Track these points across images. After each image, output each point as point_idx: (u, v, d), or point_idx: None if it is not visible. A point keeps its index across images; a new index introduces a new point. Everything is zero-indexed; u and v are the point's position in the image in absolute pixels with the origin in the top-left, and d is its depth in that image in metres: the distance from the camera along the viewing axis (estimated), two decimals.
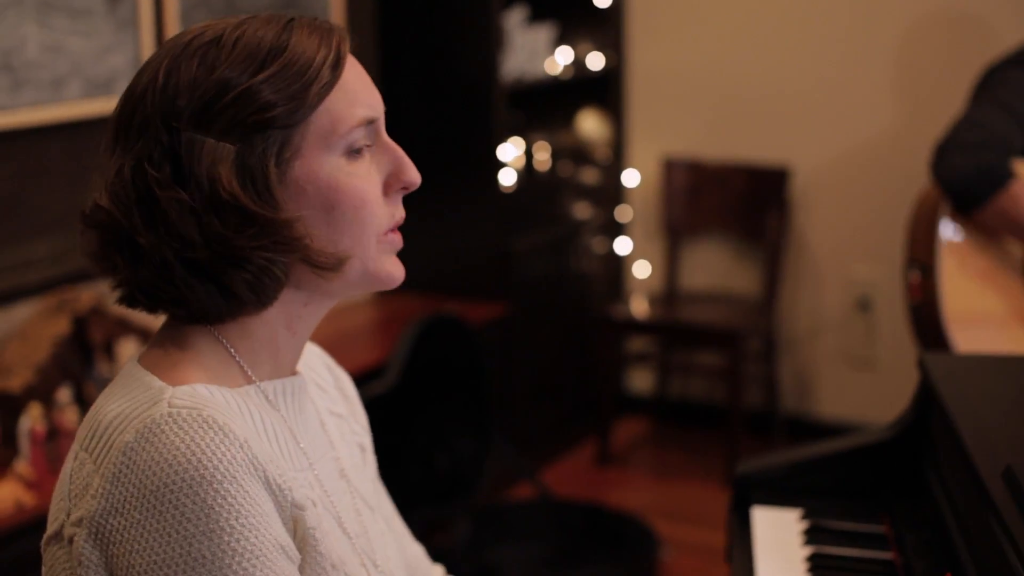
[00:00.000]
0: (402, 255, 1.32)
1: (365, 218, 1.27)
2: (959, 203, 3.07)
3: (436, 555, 2.25)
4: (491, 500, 4.09)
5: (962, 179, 3.02)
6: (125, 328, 3.13)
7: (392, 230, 1.31)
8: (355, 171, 1.27)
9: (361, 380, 3.46)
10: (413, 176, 1.33)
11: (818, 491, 2.01)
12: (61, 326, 3.05)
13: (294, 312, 1.30)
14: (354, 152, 1.28)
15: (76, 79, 3.23)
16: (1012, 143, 3.06)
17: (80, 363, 3.08)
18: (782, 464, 2.03)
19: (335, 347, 3.70)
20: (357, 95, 1.28)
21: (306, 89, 1.23)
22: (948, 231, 3.12)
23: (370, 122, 1.29)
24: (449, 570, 2.02)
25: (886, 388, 4.47)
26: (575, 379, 4.74)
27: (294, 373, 1.35)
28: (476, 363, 3.79)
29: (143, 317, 1.35)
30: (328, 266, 1.25)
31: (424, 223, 4.28)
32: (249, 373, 1.29)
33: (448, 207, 4.27)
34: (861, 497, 1.99)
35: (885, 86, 4.50)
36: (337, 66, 1.26)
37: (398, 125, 4.19)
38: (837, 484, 2.01)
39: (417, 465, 3.71)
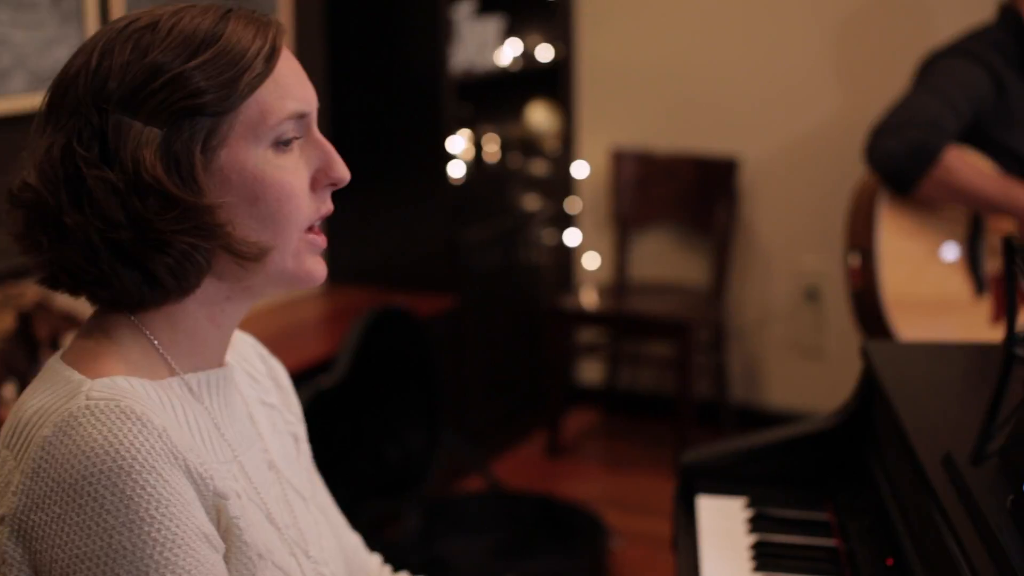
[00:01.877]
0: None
1: (289, 211, 1.27)
2: (895, 185, 3.12)
3: (386, 547, 2.25)
4: (441, 492, 4.09)
5: (894, 160, 3.08)
6: (71, 323, 3.10)
7: (316, 228, 1.32)
8: (282, 164, 1.27)
9: (310, 373, 3.47)
10: (341, 172, 1.33)
11: (763, 479, 2.03)
12: (6, 322, 3.02)
13: (217, 305, 1.30)
14: (282, 144, 1.28)
15: (20, 72, 3.20)
16: (943, 126, 3.12)
17: (25, 359, 3.05)
18: (727, 453, 2.05)
19: (285, 340, 3.73)
20: (289, 88, 1.28)
21: (237, 78, 1.24)
22: (887, 216, 3.16)
23: (301, 116, 1.29)
24: (399, 562, 2.02)
25: (835, 377, 4.51)
26: (525, 371, 4.75)
27: (221, 365, 1.35)
28: (426, 355, 3.79)
29: (89, 311, 1.35)
30: (250, 256, 1.25)
31: (373, 215, 4.27)
32: (173, 365, 1.29)
33: (397, 199, 4.26)
34: (805, 485, 2.01)
35: (830, 76, 4.53)
36: (271, 58, 1.27)
37: (347, 118, 4.20)
38: (781, 472, 2.03)
39: (367, 457, 3.71)
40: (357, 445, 3.65)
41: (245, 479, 1.33)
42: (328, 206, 1.33)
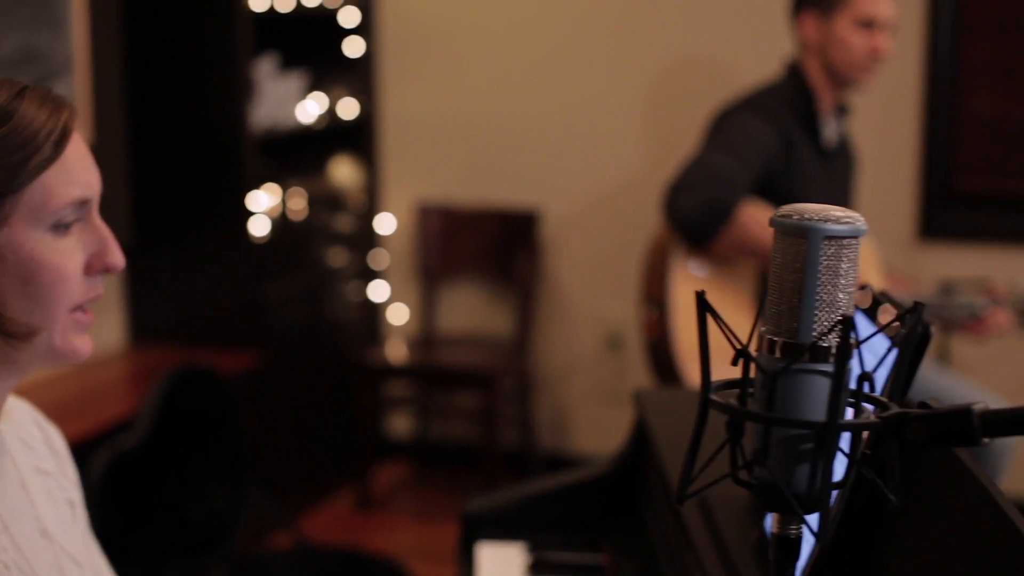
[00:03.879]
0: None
1: (60, 294, 1.29)
2: (692, 239, 3.22)
3: None
4: (249, 551, 4.07)
5: (690, 216, 3.18)
6: None
7: (85, 308, 1.33)
8: (59, 247, 1.29)
9: (112, 433, 3.43)
10: (116, 259, 1.34)
11: (543, 525, 2.08)
12: None
13: None
14: (62, 228, 1.29)
15: None
16: (736, 183, 3.23)
17: None
18: (508, 501, 2.10)
19: (85, 401, 3.68)
20: (74, 173, 1.29)
21: (25, 161, 1.25)
22: (681, 268, 3.26)
23: (83, 202, 1.31)
24: None
25: None
26: (334, 425, 4.75)
27: None
28: (230, 413, 3.78)
29: None
30: (18, 335, 1.27)
31: (177, 273, 4.25)
32: None
33: (200, 256, 4.24)
34: (584, 529, 2.08)
35: (631, 129, 4.66)
36: (60, 142, 1.28)
37: (149, 175, 4.17)
38: (561, 517, 2.09)
39: (172, 518, 3.67)
40: (160, 506, 3.61)
41: (15, 550, 1.33)
42: (99, 291, 1.34)
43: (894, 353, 1.34)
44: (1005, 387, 4.28)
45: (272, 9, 4.36)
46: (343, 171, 4.88)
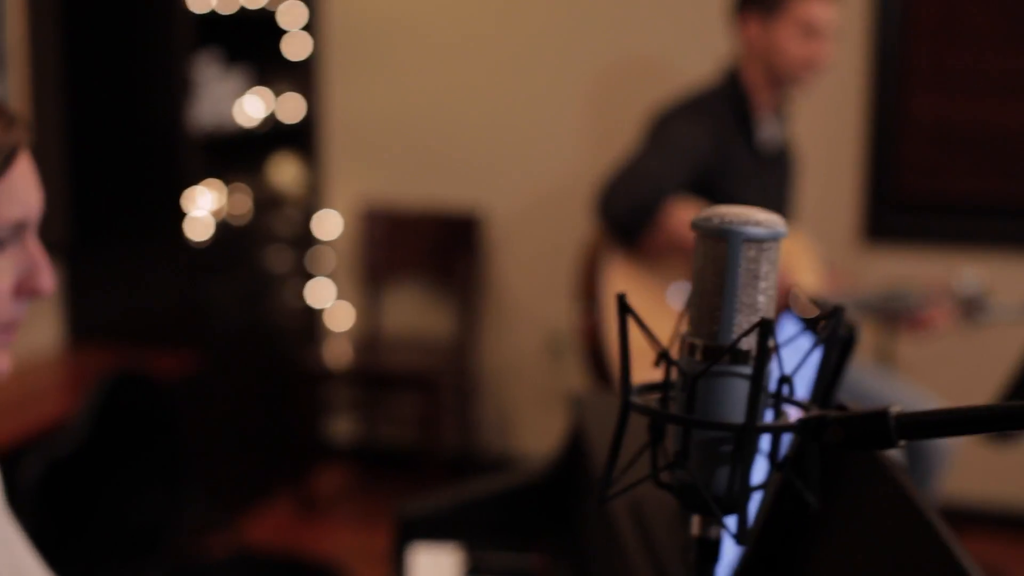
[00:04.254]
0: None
1: None
2: (620, 239, 3.25)
3: None
4: (187, 555, 4.03)
5: (618, 216, 3.22)
6: None
7: (11, 329, 1.31)
8: None
9: (48, 436, 3.38)
10: (46, 285, 1.32)
11: (479, 528, 2.07)
12: None
13: None
14: None
15: None
16: (664, 182, 3.26)
17: None
18: (444, 503, 2.09)
19: (22, 405, 3.62)
20: (17, 193, 1.27)
21: None
22: (614, 269, 3.28)
23: (22, 223, 1.28)
24: None
25: None
26: (276, 429, 4.72)
27: None
28: (168, 416, 3.74)
29: None
30: None
31: (116, 274, 4.20)
32: None
33: (139, 257, 4.20)
34: (519, 532, 2.06)
35: (572, 131, 4.66)
36: (7, 162, 1.25)
37: (88, 175, 4.13)
38: (497, 521, 2.07)
39: (109, 523, 3.63)
40: (97, 510, 3.57)
41: None
42: (23, 314, 1.32)
43: (818, 355, 1.33)
44: (949, 388, 4.31)
45: (214, 11, 4.32)
46: (286, 172, 4.85)
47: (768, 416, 1.08)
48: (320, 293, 4.97)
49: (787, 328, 1.50)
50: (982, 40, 4.34)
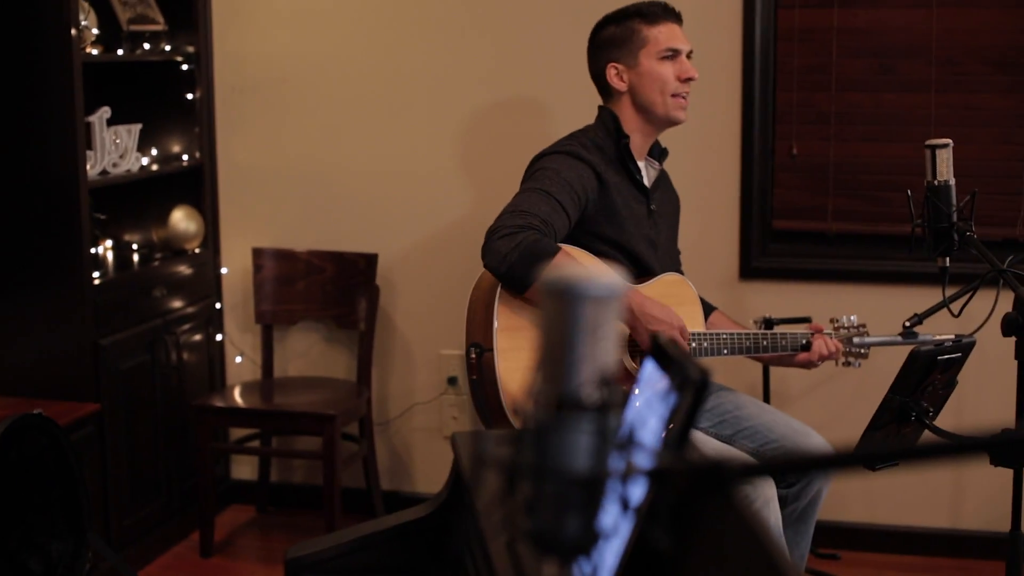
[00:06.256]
0: None
1: None
2: (511, 285, 3.27)
3: None
4: None
5: (509, 262, 3.21)
6: None
7: None
8: None
9: None
10: None
11: (366, 567, 2.16)
12: None
13: None
14: None
15: None
16: (554, 226, 3.30)
17: None
18: (331, 545, 2.17)
19: None
20: None
21: None
22: (503, 312, 3.31)
23: None
24: None
25: None
26: (176, 472, 4.76)
27: None
28: (67, 463, 3.76)
29: None
30: None
31: (11, 324, 4.23)
32: None
33: (35, 307, 4.23)
34: (406, 571, 2.16)
35: (457, 173, 4.78)
36: None
37: None
38: (383, 560, 2.16)
39: (9, 571, 3.64)
40: None
41: None
42: None
43: (674, 400, 1.45)
44: (822, 417, 4.48)
45: (104, 57, 4.38)
46: (181, 219, 4.89)
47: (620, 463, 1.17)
48: (217, 337, 5.03)
49: (652, 375, 1.58)
50: (848, 82, 4.53)
